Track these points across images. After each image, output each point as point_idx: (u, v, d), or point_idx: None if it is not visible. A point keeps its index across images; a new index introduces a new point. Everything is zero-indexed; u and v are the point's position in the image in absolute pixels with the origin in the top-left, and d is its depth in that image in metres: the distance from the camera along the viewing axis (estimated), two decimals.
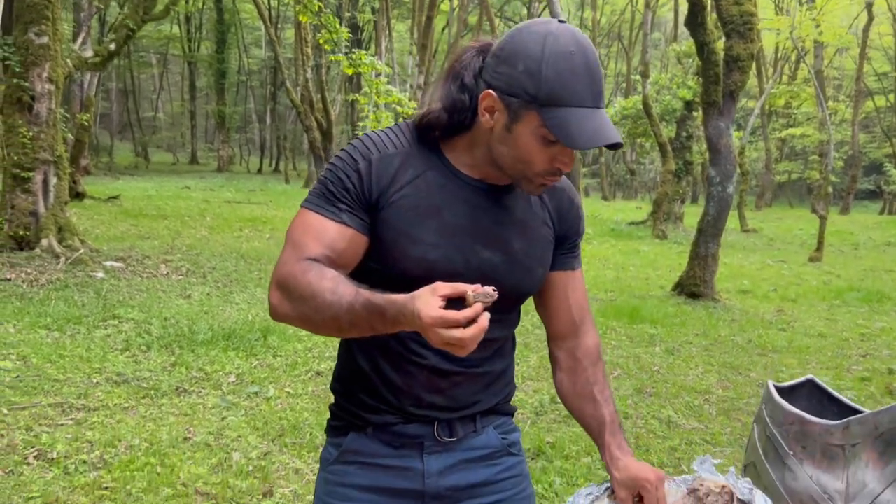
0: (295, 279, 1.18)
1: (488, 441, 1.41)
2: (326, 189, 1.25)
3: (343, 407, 1.38)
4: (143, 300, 6.61)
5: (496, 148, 1.23)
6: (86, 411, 3.92)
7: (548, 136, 1.17)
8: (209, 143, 50.53)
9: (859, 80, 29.83)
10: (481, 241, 1.28)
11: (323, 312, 1.14)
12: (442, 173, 1.28)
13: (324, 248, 1.22)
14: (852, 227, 21.07)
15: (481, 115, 1.22)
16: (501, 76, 1.19)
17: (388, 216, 1.25)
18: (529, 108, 1.16)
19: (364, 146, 1.27)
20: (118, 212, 13.62)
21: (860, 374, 5.42)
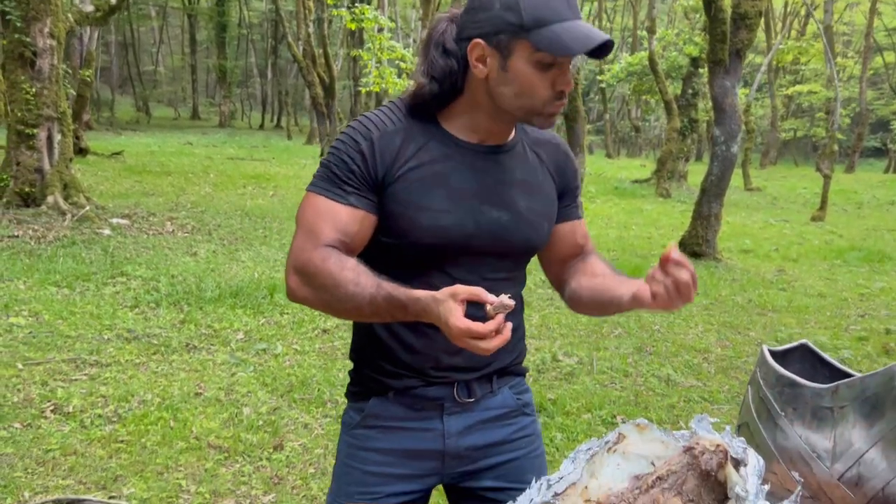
0: (315, 267, 1.23)
1: (504, 401, 1.46)
2: (331, 172, 1.28)
3: (364, 374, 1.43)
4: (150, 257, 6.68)
5: (497, 93, 1.25)
6: (98, 367, 4.01)
7: (542, 60, 1.20)
8: (210, 97, 50.11)
9: (869, 35, 29.38)
10: (488, 202, 1.32)
11: (345, 302, 1.20)
12: (442, 142, 1.32)
13: (337, 233, 1.26)
14: (857, 185, 21.01)
15: (474, 67, 1.25)
16: (482, 22, 1.23)
17: (396, 190, 1.28)
18: (518, 38, 1.20)
19: (364, 126, 1.30)
20: (122, 168, 13.64)
21: (858, 333, 5.50)
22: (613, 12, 45.45)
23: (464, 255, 1.32)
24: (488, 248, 1.33)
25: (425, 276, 1.31)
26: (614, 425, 3.60)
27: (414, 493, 1.43)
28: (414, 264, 1.32)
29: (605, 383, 4.22)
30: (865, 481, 1.21)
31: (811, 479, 1.29)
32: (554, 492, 1.28)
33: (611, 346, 4.93)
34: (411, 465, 1.42)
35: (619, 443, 1.46)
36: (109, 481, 2.82)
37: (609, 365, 4.52)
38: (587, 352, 4.74)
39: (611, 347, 4.89)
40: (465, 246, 1.31)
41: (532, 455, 1.49)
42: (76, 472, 2.88)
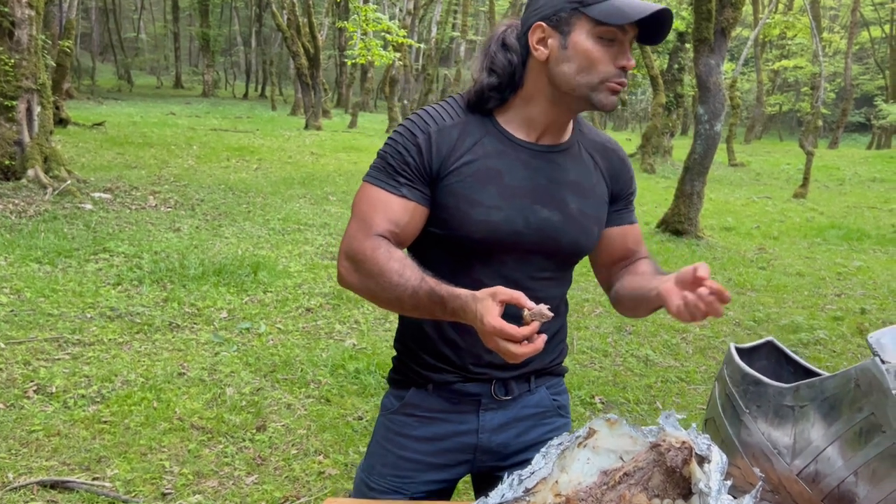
0: (364, 255, 1.27)
1: (540, 401, 1.50)
2: (387, 163, 1.32)
3: (406, 364, 1.47)
4: (133, 233, 6.65)
5: (558, 73, 1.27)
6: (81, 346, 4.03)
7: (603, 35, 1.23)
8: (193, 66, 49.44)
9: (855, 10, 29.38)
10: (540, 202, 1.34)
11: (388, 292, 1.24)
12: (498, 139, 1.34)
13: (388, 224, 1.30)
14: (840, 161, 21.16)
15: (535, 51, 1.28)
16: (541, 7, 1.27)
17: (451, 183, 1.31)
18: (577, 15, 1.23)
19: (422, 120, 1.33)
20: (103, 139, 13.47)
21: (833, 313, 5.60)
22: None
23: (512, 252, 1.34)
24: (537, 246, 1.35)
25: (471, 271, 1.35)
26: (593, 406, 3.68)
27: (443, 482, 1.49)
28: (462, 257, 1.35)
29: (584, 363, 4.29)
30: (822, 478, 1.27)
31: (772, 475, 1.34)
32: (525, 487, 1.32)
33: (591, 325, 5.00)
34: (445, 455, 1.46)
35: (589, 438, 1.50)
36: (93, 462, 2.85)
37: (589, 345, 4.59)
38: (567, 331, 4.80)
39: (591, 327, 4.96)
40: (514, 243, 1.33)
41: None
42: (60, 453, 2.90)
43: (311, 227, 7.62)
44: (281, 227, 7.49)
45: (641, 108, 45.08)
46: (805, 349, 4.70)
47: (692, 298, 1.15)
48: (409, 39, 12.42)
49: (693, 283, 1.17)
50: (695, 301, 1.15)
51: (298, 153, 14.69)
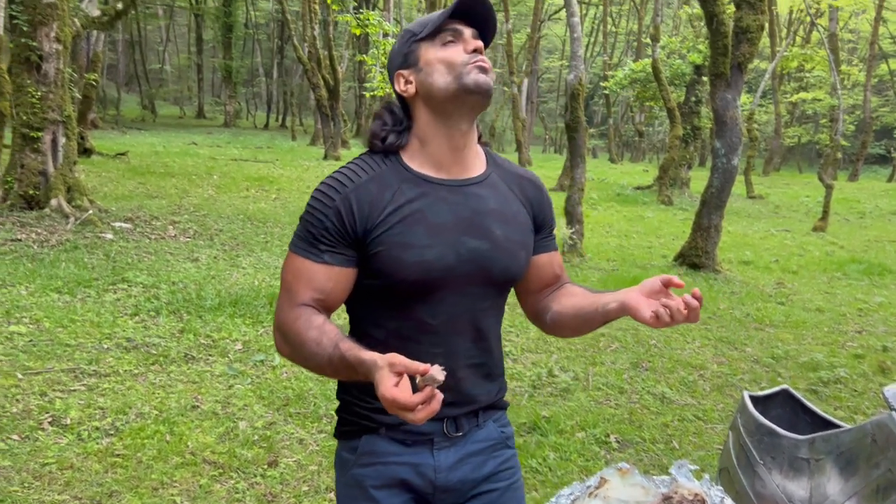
0: (288, 326, 1.33)
1: (489, 434, 1.53)
2: (307, 231, 1.36)
3: (354, 412, 1.47)
4: (152, 263, 6.71)
5: (430, 89, 1.37)
6: (97, 377, 4.05)
7: (441, 41, 1.38)
8: (216, 96, 50.21)
9: (874, 43, 29.35)
10: (467, 233, 1.38)
11: (311, 361, 1.30)
12: (414, 183, 1.39)
13: (312, 292, 1.35)
14: (860, 194, 20.96)
15: (403, 93, 1.41)
16: (392, 65, 1.45)
17: (379, 234, 1.34)
18: (416, 46, 1.40)
19: (338, 182, 1.37)
20: (126, 169, 13.68)
21: (854, 350, 5.51)
22: (619, 17, 45.42)
23: (448, 287, 1.38)
24: (471, 278, 1.39)
25: (413, 312, 1.38)
26: (608, 445, 3.63)
27: None
28: (402, 302, 1.38)
29: (600, 400, 4.24)
30: None
31: None
32: None
33: (607, 360, 4.96)
34: (403, 497, 1.46)
35: (600, 487, 1.48)
36: (105, 497, 2.85)
37: (605, 381, 4.54)
38: (583, 367, 4.77)
39: (607, 362, 4.92)
40: (449, 278, 1.37)
41: (514, 486, 1.56)
42: (72, 486, 2.91)
43: None
44: None
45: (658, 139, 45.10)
46: (825, 388, 4.62)
47: (675, 304, 1.28)
48: None
49: (661, 292, 1.32)
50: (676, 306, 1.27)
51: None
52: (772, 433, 1.40)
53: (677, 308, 1.28)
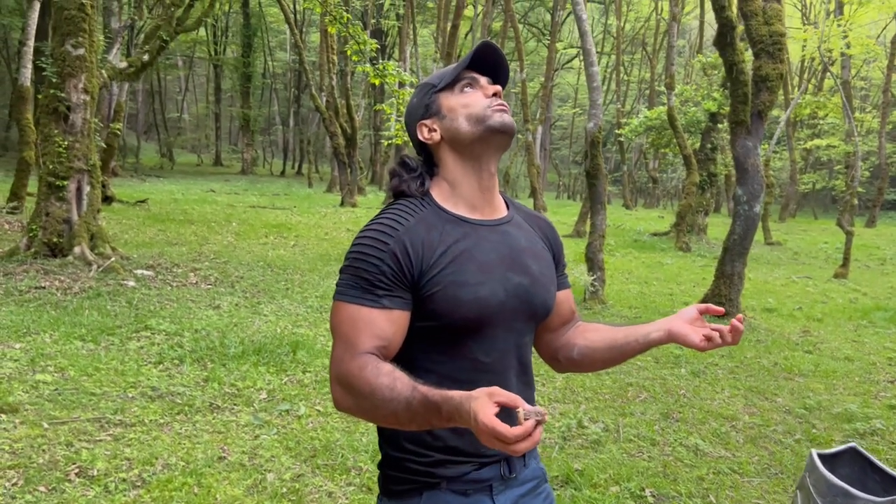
0: (353, 377, 1.28)
1: (533, 472, 1.54)
2: (360, 278, 1.34)
3: (409, 468, 1.43)
4: (174, 310, 6.72)
5: (454, 134, 1.43)
6: (123, 427, 4.01)
7: (462, 87, 1.45)
8: (233, 144, 51.03)
9: (886, 91, 29.48)
10: (510, 269, 1.43)
11: (383, 409, 1.24)
12: (456, 224, 1.43)
13: (374, 339, 1.32)
14: (878, 240, 20.83)
15: (428, 141, 1.47)
16: (412, 117, 1.51)
17: (435, 275, 1.35)
18: (437, 97, 1.46)
19: (387, 227, 1.37)
20: (146, 216, 13.83)
21: (888, 401, 5.39)
22: (630, 66, 46.00)
23: (500, 323, 1.41)
24: (517, 312, 1.43)
25: (466, 350, 1.40)
26: (643, 499, 3.54)
27: None
28: (455, 341, 1.39)
29: (632, 452, 4.15)
30: None
31: None
32: None
33: (636, 411, 4.87)
34: None
35: None
36: None
37: (636, 432, 4.45)
38: (613, 418, 4.68)
39: (636, 413, 4.83)
40: (500, 313, 1.40)
41: None
42: None
43: None
44: (319, 305, 7.52)
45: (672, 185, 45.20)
46: (862, 440, 4.50)
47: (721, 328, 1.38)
48: None
49: (697, 320, 1.44)
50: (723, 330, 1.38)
51: (335, 230, 14.89)
52: (846, 494, 1.34)
53: (725, 331, 1.38)
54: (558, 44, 33.02)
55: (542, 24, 43.20)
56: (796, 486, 1.50)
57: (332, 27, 11.32)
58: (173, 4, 9.79)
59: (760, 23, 7.46)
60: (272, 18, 41.45)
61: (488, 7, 27.48)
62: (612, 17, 37.65)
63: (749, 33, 7.58)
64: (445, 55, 20.31)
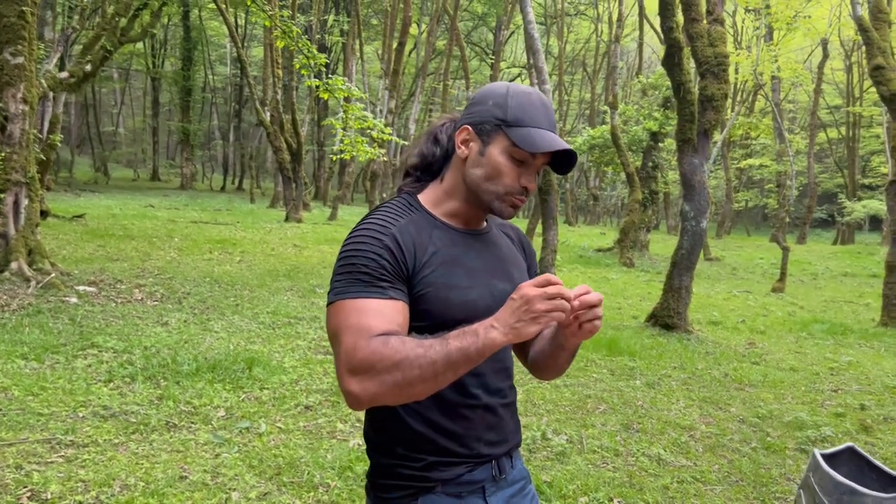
0: (376, 353, 1.24)
1: (521, 472, 1.57)
2: (362, 273, 1.32)
3: (402, 475, 1.42)
4: (121, 328, 6.49)
5: (470, 174, 1.43)
6: (75, 448, 3.84)
7: (515, 155, 1.40)
8: (171, 159, 49.93)
9: (814, 113, 30.84)
10: (496, 276, 1.48)
11: (420, 369, 1.21)
12: (444, 230, 1.46)
13: (388, 324, 1.29)
14: (809, 256, 21.67)
15: (458, 148, 1.45)
16: (474, 114, 1.45)
17: (427, 274, 1.37)
18: (499, 131, 1.41)
19: (379, 224, 1.38)
20: (84, 231, 13.36)
21: (834, 409, 5.58)
22: (571, 86, 46.94)
23: None
24: None
25: None
26: None
27: None
28: None
29: (597, 463, 4.18)
30: None
31: None
32: None
33: (597, 422, 4.91)
34: None
35: None
36: None
37: (599, 443, 4.49)
38: (575, 429, 4.71)
39: (597, 424, 4.87)
40: (487, 317, 1.38)
41: None
42: None
43: (302, 321, 7.52)
44: (271, 321, 7.37)
45: (612, 203, 46.20)
46: (814, 447, 4.64)
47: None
48: (394, 137, 12.69)
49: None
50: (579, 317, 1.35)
51: (281, 245, 14.68)
52: (853, 492, 1.38)
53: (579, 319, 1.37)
54: (502, 63, 33.49)
55: (485, 44, 43.78)
56: (799, 487, 1.53)
57: (280, 41, 11.21)
58: (117, 14, 9.54)
59: (706, 44, 7.71)
60: (213, 32, 40.84)
61: (433, 26, 27.68)
62: (553, 38, 38.42)
63: (695, 55, 7.83)
64: (392, 72, 20.34)
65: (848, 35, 29.82)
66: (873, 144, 38.20)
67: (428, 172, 1.53)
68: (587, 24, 43.13)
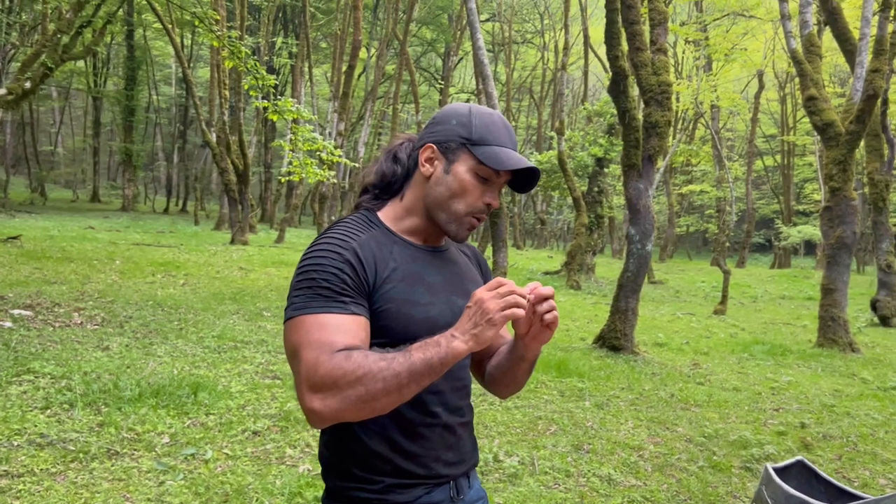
0: (340, 368, 1.21)
1: (478, 492, 1.57)
2: (321, 288, 1.30)
3: (362, 499, 1.40)
4: (59, 352, 6.26)
5: (433, 193, 1.44)
6: (9, 478, 3.67)
7: (480, 172, 1.41)
8: (112, 180, 48.72)
9: (752, 141, 31.94)
10: (455, 293, 1.48)
11: (383, 382, 1.20)
12: (404, 246, 1.46)
13: (350, 339, 1.27)
14: (749, 279, 22.30)
15: (422, 166, 1.46)
16: (438, 132, 1.46)
17: (387, 290, 1.36)
18: (463, 149, 1.42)
19: (339, 239, 1.37)
20: (19, 254, 12.89)
21: (776, 427, 5.72)
22: (518, 112, 47.66)
23: None
24: None
25: None
26: None
27: None
28: None
29: (549, 484, 4.19)
30: None
31: None
32: None
33: (548, 444, 4.93)
34: None
35: None
36: None
37: (550, 465, 4.50)
38: (527, 451, 4.72)
39: (549, 446, 4.89)
40: None
41: None
42: None
43: (248, 345, 7.37)
44: (216, 345, 7.21)
45: (559, 227, 46.83)
46: (758, 464, 4.75)
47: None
48: (343, 159, 12.66)
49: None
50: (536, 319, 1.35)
51: (227, 268, 14.42)
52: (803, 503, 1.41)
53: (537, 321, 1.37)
54: (451, 88, 33.80)
55: (434, 69, 44.18)
56: (752, 500, 1.56)
57: (228, 62, 11.10)
58: (59, 31, 9.32)
59: (650, 73, 7.94)
60: (157, 52, 40.25)
61: (382, 50, 27.82)
62: (501, 65, 39.01)
63: (639, 83, 8.04)
64: (341, 95, 20.33)
65: (781, 67, 31.10)
66: (806, 172, 39.76)
67: (387, 191, 1.53)
68: (534, 52, 43.96)
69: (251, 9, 29.97)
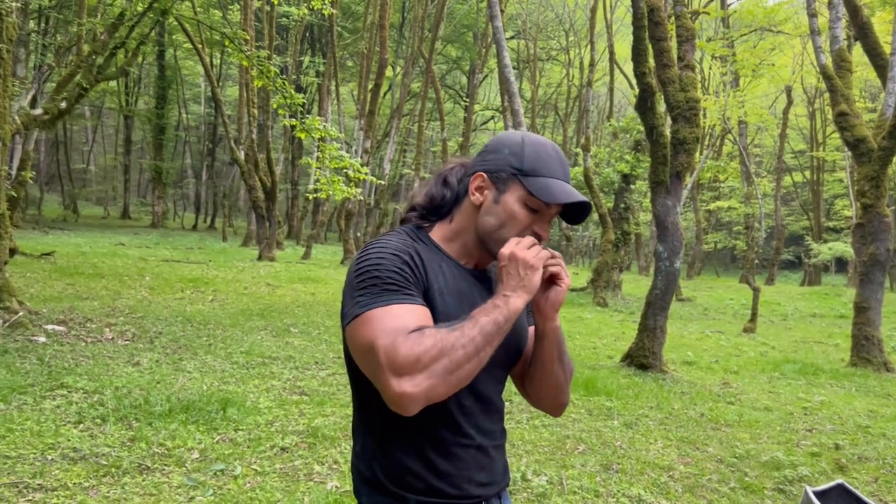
0: (419, 345, 1.22)
1: None
2: (388, 283, 1.32)
3: None
4: (91, 367, 6.35)
5: (483, 221, 1.44)
6: (44, 492, 3.72)
7: (530, 203, 1.42)
8: (142, 197, 49.51)
9: (780, 157, 31.61)
10: None
11: (465, 347, 1.24)
12: (452, 265, 1.47)
13: (421, 321, 1.29)
14: (778, 297, 21.98)
15: (472, 195, 1.46)
16: (489, 161, 1.47)
17: (436, 299, 1.38)
18: (514, 180, 1.43)
19: (395, 244, 1.40)
20: (52, 269, 13.14)
21: (809, 448, 5.62)
22: (543, 129, 47.68)
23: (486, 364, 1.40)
24: (496, 358, 1.40)
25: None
26: None
27: None
28: None
29: None
30: None
31: None
32: None
33: (577, 463, 4.89)
34: None
35: None
36: None
37: (579, 484, 4.46)
38: (555, 470, 4.68)
39: (577, 465, 4.85)
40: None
41: None
42: None
43: (276, 361, 7.42)
44: (245, 361, 7.27)
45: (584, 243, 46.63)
46: (791, 486, 4.67)
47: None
48: (370, 176, 12.75)
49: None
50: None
51: (254, 284, 14.54)
52: None
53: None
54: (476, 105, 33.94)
55: (459, 87, 44.41)
56: None
57: (258, 81, 11.27)
58: (94, 52, 9.53)
59: (677, 89, 7.91)
60: (188, 71, 40.95)
61: (407, 68, 28.06)
62: (525, 82, 39.11)
63: (667, 99, 8.02)
64: (367, 113, 20.51)
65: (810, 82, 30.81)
66: (837, 188, 39.22)
67: (434, 213, 1.54)
68: (559, 68, 44.03)
69: (279, 28, 30.41)
